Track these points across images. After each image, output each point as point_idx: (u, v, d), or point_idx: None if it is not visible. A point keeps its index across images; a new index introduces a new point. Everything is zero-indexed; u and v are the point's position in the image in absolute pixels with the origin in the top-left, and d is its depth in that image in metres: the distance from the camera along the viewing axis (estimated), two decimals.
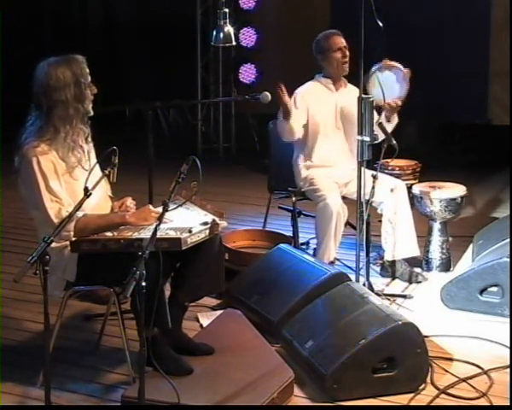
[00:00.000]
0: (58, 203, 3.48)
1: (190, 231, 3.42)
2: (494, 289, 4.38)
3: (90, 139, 3.70)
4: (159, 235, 3.26)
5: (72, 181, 3.58)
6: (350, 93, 4.84)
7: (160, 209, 3.34)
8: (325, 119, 4.93)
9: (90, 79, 3.61)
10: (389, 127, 4.65)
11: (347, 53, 4.82)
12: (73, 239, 3.44)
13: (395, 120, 4.79)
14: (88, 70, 3.61)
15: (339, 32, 4.91)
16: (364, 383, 3.53)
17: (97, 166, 3.54)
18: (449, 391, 3.59)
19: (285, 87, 4.57)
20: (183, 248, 3.36)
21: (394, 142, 4.42)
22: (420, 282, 4.85)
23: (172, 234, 3.39)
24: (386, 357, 3.55)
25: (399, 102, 4.69)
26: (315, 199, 4.79)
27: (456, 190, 5.00)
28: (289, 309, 4.06)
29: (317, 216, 4.73)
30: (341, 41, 4.87)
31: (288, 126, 4.72)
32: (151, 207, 3.63)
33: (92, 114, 3.64)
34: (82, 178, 3.54)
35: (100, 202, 3.68)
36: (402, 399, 3.53)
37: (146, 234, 3.37)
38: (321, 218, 4.68)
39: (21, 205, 3.70)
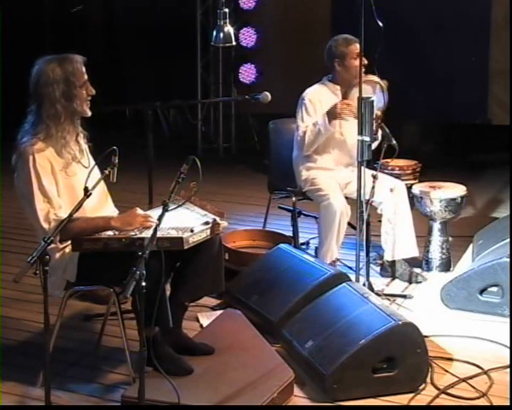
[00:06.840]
0: (48, 204, 3.47)
1: (192, 231, 3.42)
2: (494, 289, 4.38)
3: (84, 140, 3.68)
4: (161, 234, 3.27)
5: (69, 177, 3.57)
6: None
7: (149, 212, 3.33)
8: None
9: (86, 78, 3.58)
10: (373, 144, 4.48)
11: (365, 60, 4.43)
12: (73, 238, 3.43)
13: (378, 136, 4.61)
14: (84, 70, 3.58)
15: (356, 38, 4.63)
16: (364, 383, 3.53)
17: (96, 166, 3.53)
18: (449, 391, 3.59)
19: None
20: (186, 247, 3.36)
21: (394, 142, 4.41)
22: (420, 282, 4.85)
23: (174, 233, 3.40)
24: (386, 357, 3.55)
25: (379, 113, 4.46)
26: (318, 199, 4.77)
27: (456, 190, 5.00)
28: (289, 309, 4.06)
29: (321, 215, 4.72)
30: (358, 48, 4.54)
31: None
32: (138, 210, 3.52)
33: (89, 114, 3.62)
34: (80, 174, 3.54)
35: (99, 203, 3.68)
36: (402, 399, 3.54)
37: (148, 233, 3.36)
38: (324, 217, 4.67)
39: (21, 205, 3.70)
